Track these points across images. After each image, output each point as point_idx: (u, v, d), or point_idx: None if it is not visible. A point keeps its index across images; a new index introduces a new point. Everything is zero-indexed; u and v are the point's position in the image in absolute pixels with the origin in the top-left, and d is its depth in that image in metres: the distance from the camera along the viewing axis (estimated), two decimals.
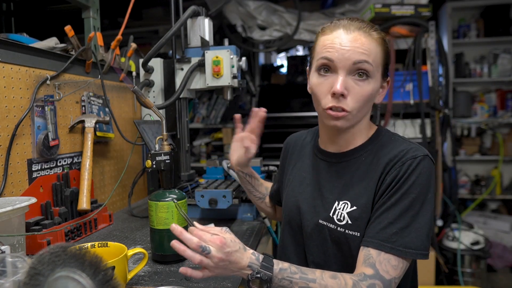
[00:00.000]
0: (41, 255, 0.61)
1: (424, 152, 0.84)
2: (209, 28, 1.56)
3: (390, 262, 0.79)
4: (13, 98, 1.16)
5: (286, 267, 0.78)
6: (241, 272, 0.78)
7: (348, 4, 3.15)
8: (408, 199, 0.81)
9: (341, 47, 0.83)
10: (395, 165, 0.83)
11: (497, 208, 3.80)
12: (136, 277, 0.96)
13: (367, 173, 0.88)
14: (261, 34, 3.21)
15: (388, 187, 0.83)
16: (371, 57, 0.83)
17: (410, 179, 0.81)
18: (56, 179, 1.28)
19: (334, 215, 0.89)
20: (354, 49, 0.82)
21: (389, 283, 0.78)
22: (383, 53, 0.87)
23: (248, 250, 0.79)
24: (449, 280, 2.72)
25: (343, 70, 0.83)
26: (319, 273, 0.79)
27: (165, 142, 1.07)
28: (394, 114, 2.62)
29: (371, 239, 0.81)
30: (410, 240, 0.79)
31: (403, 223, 0.80)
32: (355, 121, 0.88)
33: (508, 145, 3.68)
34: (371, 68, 0.83)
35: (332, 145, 0.96)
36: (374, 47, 0.85)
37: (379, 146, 0.91)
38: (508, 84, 3.77)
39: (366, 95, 0.85)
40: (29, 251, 1.07)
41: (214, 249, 0.74)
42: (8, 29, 2.38)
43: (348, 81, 0.84)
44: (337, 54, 0.83)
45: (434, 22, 2.57)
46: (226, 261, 0.75)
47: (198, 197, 1.38)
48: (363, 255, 0.81)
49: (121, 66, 1.67)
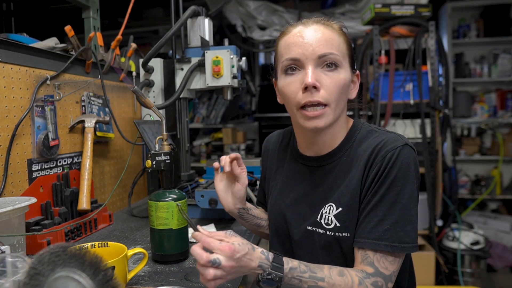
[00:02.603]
0: (41, 255, 0.61)
1: (403, 141, 0.83)
2: (209, 28, 1.56)
3: (387, 258, 0.79)
4: (13, 98, 1.16)
5: (296, 265, 0.77)
6: (251, 273, 0.76)
7: (348, 4, 3.15)
8: (394, 192, 0.79)
9: (304, 42, 0.82)
10: (376, 159, 0.82)
11: (497, 208, 3.80)
12: (136, 277, 0.96)
13: (348, 172, 0.87)
14: (261, 34, 3.21)
15: (371, 183, 0.82)
16: (334, 47, 0.82)
17: (393, 171, 0.80)
18: (56, 179, 1.28)
19: (321, 219, 0.88)
20: (317, 41, 0.81)
21: (389, 277, 0.79)
22: (346, 44, 0.86)
23: (257, 249, 0.77)
24: (449, 280, 2.72)
25: (310, 64, 0.81)
26: (327, 270, 0.78)
27: (165, 142, 1.07)
28: (394, 114, 2.62)
29: (364, 240, 0.80)
30: (404, 234, 0.79)
31: (394, 217, 0.79)
32: (334, 117, 0.84)
33: (508, 145, 3.68)
34: (338, 57, 0.82)
35: (311, 149, 0.93)
36: (336, 36, 0.84)
37: (357, 142, 0.89)
38: (508, 84, 3.77)
39: (339, 85, 0.82)
40: (29, 251, 1.07)
41: (224, 258, 0.71)
42: (8, 29, 2.38)
43: (318, 73, 0.82)
44: (301, 50, 0.82)
45: (434, 22, 2.57)
46: (237, 267, 0.72)
47: (198, 197, 1.38)
48: (360, 255, 0.81)
49: (121, 66, 1.67)
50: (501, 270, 3.26)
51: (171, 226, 1.02)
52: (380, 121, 2.59)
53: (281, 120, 3.30)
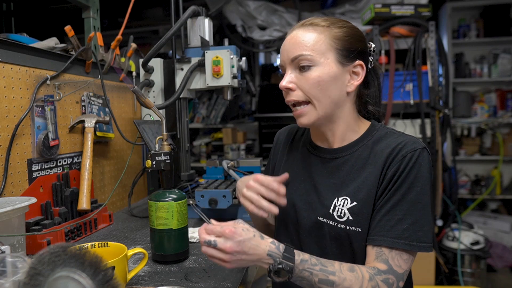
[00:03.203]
0: (41, 255, 0.61)
1: (422, 144, 0.85)
2: (209, 28, 1.56)
3: (402, 256, 0.81)
4: (13, 98, 1.16)
5: (307, 258, 0.78)
6: (261, 262, 0.76)
7: (348, 4, 3.15)
8: (414, 193, 0.81)
9: (284, 49, 0.91)
10: (395, 158, 0.84)
11: (497, 208, 3.80)
12: (136, 277, 0.96)
13: (364, 167, 0.88)
14: (261, 34, 3.21)
15: (390, 182, 0.83)
16: (306, 48, 0.86)
17: (412, 172, 0.82)
18: (56, 179, 1.28)
19: (334, 211, 0.89)
20: (291, 45, 0.88)
21: (401, 276, 0.80)
22: (330, 38, 0.86)
23: (267, 238, 0.77)
24: (449, 280, 2.72)
25: (288, 68, 0.90)
26: (337, 265, 0.79)
27: (165, 142, 1.07)
28: (394, 114, 2.62)
29: (383, 238, 0.81)
30: (423, 234, 0.81)
31: (414, 217, 0.81)
32: (321, 113, 0.88)
33: (508, 145, 3.68)
34: (310, 57, 0.86)
35: (323, 141, 0.96)
36: (313, 36, 0.87)
37: (374, 140, 0.91)
38: (508, 84, 3.77)
39: (313, 82, 0.86)
40: (29, 251, 1.07)
41: (222, 240, 0.74)
42: (8, 29, 2.38)
43: (296, 75, 0.89)
44: (282, 56, 0.91)
45: (434, 22, 2.58)
46: (240, 251, 0.74)
47: (198, 197, 1.38)
48: (375, 252, 0.82)
49: (121, 66, 1.67)
50: (501, 270, 3.26)
51: (171, 226, 1.02)
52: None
53: (281, 120, 3.30)
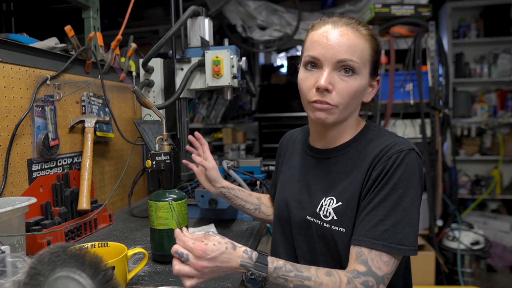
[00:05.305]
0: (41, 255, 0.61)
1: (410, 145, 0.84)
2: (209, 28, 1.56)
3: (382, 258, 0.79)
4: (13, 98, 1.16)
5: (281, 265, 0.77)
6: (235, 272, 0.77)
7: (348, 4, 3.15)
8: (397, 194, 0.80)
9: (327, 43, 0.84)
10: (381, 159, 0.83)
11: (497, 208, 3.80)
12: (136, 277, 0.96)
13: (353, 168, 0.88)
14: (261, 34, 3.21)
15: (374, 182, 0.83)
16: (356, 54, 0.84)
17: (397, 173, 0.81)
18: (56, 179, 1.28)
19: (320, 211, 0.90)
20: (339, 45, 0.83)
21: (381, 279, 0.78)
22: (371, 50, 0.87)
23: (239, 248, 0.77)
24: (449, 280, 2.72)
25: (328, 66, 0.84)
26: (314, 270, 0.78)
27: (165, 142, 1.07)
28: (394, 114, 2.62)
29: (362, 238, 0.80)
30: (403, 237, 0.79)
31: (395, 219, 0.79)
32: (341, 117, 0.88)
33: (508, 145, 3.68)
34: (357, 65, 0.84)
35: (320, 142, 0.97)
36: (362, 43, 0.85)
37: (366, 141, 0.91)
38: (508, 84, 3.77)
39: (351, 91, 0.84)
40: (29, 251, 1.07)
41: (193, 257, 0.73)
42: (8, 29, 2.38)
43: (334, 77, 0.84)
44: (322, 51, 0.84)
45: (434, 22, 2.58)
46: (212, 266, 0.73)
47: (198, 197, 1.38)
48: (355, 252, 0.81)
49: (121, 66, 1.67)
50: (501, 270, 3.26)
51: (171, 226, 1.02)
52: (380, 121, 2.60)
53: (281, 120, 3.30)
